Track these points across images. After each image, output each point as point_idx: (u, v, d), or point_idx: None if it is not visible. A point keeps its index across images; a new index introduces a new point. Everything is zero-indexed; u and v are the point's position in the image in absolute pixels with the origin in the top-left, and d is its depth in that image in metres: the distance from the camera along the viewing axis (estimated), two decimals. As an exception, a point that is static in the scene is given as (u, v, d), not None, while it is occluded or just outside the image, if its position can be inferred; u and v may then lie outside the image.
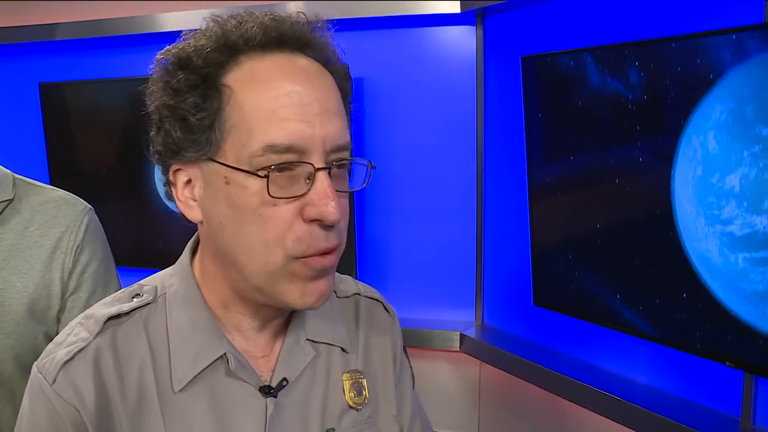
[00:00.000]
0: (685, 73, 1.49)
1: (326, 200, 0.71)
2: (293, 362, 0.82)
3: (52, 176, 2.63)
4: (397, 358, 0.94)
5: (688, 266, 1.53)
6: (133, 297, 0.81)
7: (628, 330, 1.73)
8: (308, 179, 0.72)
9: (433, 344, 2.28)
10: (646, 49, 1.58)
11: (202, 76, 0.73)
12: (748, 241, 1.41)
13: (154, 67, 0.76)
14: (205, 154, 0.73)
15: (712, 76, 1.43)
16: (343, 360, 0.87)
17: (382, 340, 0.92)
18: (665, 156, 1.55)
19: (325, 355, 0.86)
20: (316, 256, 0.73)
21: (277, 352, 0.83)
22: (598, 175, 1.75)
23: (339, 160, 0.74)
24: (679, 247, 1.54)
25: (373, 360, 0.90)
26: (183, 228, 0.84)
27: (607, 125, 1.70)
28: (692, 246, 1.52)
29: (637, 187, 1.64)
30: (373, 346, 0.91)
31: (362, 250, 2.39)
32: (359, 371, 0.88)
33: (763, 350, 1.40)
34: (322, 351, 0.86)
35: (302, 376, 0.83)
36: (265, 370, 0.81)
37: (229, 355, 0.78)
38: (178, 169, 0.77)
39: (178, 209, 0.79)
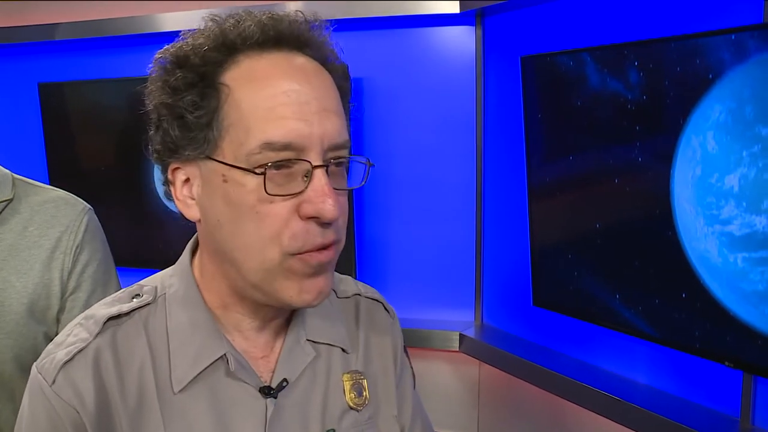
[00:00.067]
0: (685, 73, 1.49)
1: (323, 197, 0.71)
2: (293, 363, 0.82)
3: (52, 176, 2.63)
4: (398, 359, 0.93)
5: (687, 266, 1.53)
6: (133, 297, 0.81)
7: (627, 330, 1.73)
8: (306, 177, 0.72)
9: (432, 344, 2.28)
10: (645, 49, 1.58)
11: (199, 75, 0.73)
12: (748, 241, 1.41)
13: (152, 67, 0.76)
14: (203, 153, 0.73)
15: (711, 77, 1.43)
16: (344, 360, 0.87)
17: (383, 341, 0.92)
18: (664, 156, 1.55)
19: (326, 355, 0.86)
20: (313, 252, 0.73)
21: (277, 352, 0.82)
22: (598, 176, 1.75)
23: (337, 158, 0.74)
24: (678, 247, 1.54)
25: (373, 360, 0.90)
26: (183, 228, 0.84)
27: (606, 125, 1.70)
28: (691, 246, 1.52)
29: (637, 187, 1.64)
30: (374, 347, 0.91)
31: (362, 250, 2.39)
32: (359, 372, 0.87)
33: (763, 350, 1.40)
34: (322, 351, 0.85)
35: (302, 377, 0.82)
36: (265, 371, 0.81)
37: (228, 355, 0.78)
38: (177, 168, 0.77)
39: (176, 208, 0.79)
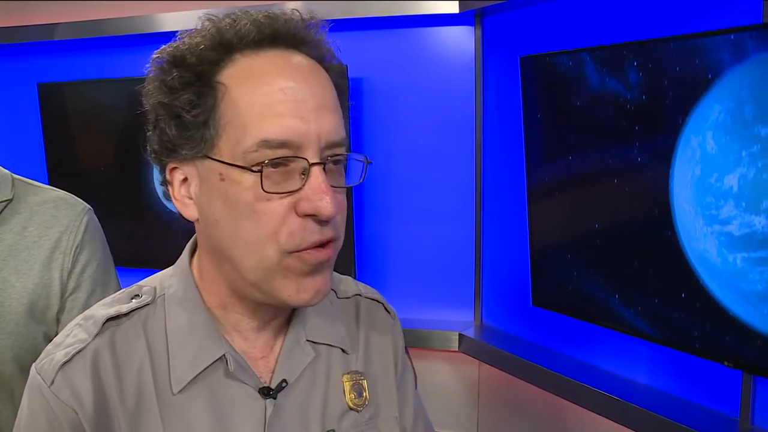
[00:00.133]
0: (684, 73, 1.49)
1: (321, 195, 0.71)
2: (293, 363, 0.82)
3: (51, 176, 2.63)
4: (399, 359, 0.93)
5: (686, 266, 1.53)
6: (132, 298, 0.81)
7: (626, 330, 1.73)
8: (303, 174, 0.72)
9: (432, 344, 2.28)
10: (644, 49, 1.58)
11: (196, 74, 0.73)
12: (747, 241, 1.41)
13: (150, 67, 0.76)
14: (200, 152, 0.73)
15: (710, 77, 1.43)
16: (344, 361, 0.87)
17: (383, 341, 0.92)
18: (664, 156, 1.55)
19: (325, 356, 0.85)
20: (311, 249, 0.73)
21: (276, 353, 0.82)
22: (597, 176, 1.75)
23: (334, 156, 0.74)
24: (677, 247, 1.54)
25: (373, 361, 0.90)
26: (182, 228, 0.84)
27: (605, 125, 1.70)
28: (691, 246, 1.52)
29: (636, 188, 1.64)
30: (374, 347, 0.91)
31: (361, 251, 2.39)
32: (359, 372, 0.87)
33: (762, 350, 1.40)
34: (322, 352, 0.85)
35: (302, 378, 0.82)
36: (265, 371, 0.81)
37: (228, 356, 0.78)
38: (175, 168, 0.77)
39: (175, 208, 0.79)
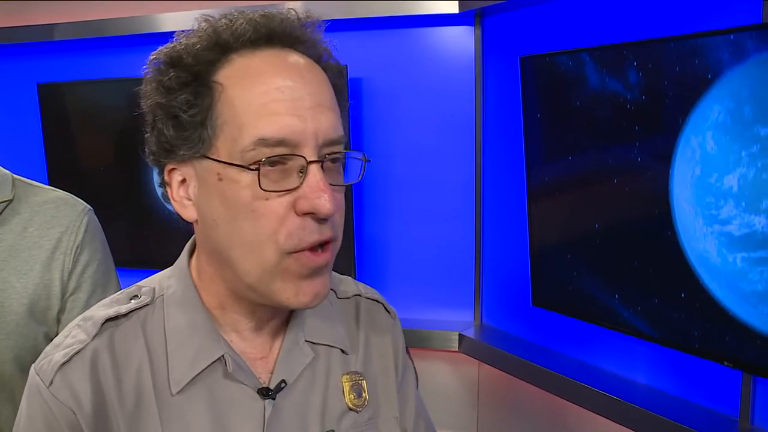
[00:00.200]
0: (684, 73, 1.49)
1: (319, 193, 0.71)
2: (292, 364, 0.82)
3: (51, 176, 2.63)
4: (400, 360, 0.93)
5: (686, 266, 1.53)
6: (131, 299, 0.81)
7: (626, 330, 1.73)
8: (301, 173, 0.72)
9: (431, 344, 2.28)
10: (644, 49, 1.58)
11: (193, 74, 0.73)
12: (747, 241, 1.41)
13: (147, 68, 0.76)
14: (198, 152, 0.73)
15: (710, 77, 1.43)
16: (343, 361, 0.87)
17: (383, 342, 0.92)
18: (664, 156, 1.55)
19: (325, 356, 0.85)
20: (310, 252, 0.73)
21: (275, 353, 0.82)
22: (597, 176, 1.75)
23: (332, 154, 0.74)
24: (677, 247, 1.54)
25: (373, 361, 0.90)
26: (182, 228, 0.84)
27: (605, 125, 1.70)
28: (691, 246, 1.52)
29: (636, 188, 1.64)
30: (374, 348, 0.91)
31: (361, 250, 2.39)
32: (359, 373, 0.87)
33: (762, 350, 1.40)
34: (321, 352, 0.85)
35: (301, 378, 0.82)
36: (264, 372, 0.81)
37: (226, 356, 0.78)
38: (173, 169, 0.77)
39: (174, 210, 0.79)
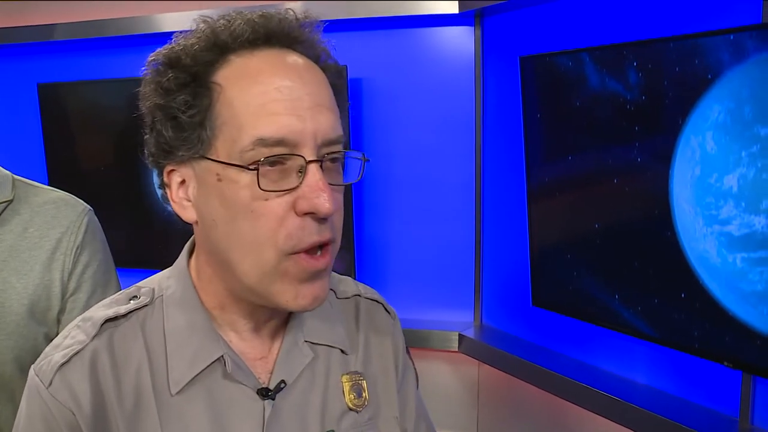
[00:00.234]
0: (684, 73, 1.49)
1: (318, 192, 0.71)
2: (291, 364, 0.82)
3: (51, 177, 2.63)
4: (400, 360, 0.93)
5: (686, 266, 1.53)
6: (131, 299, 0.81)
7: (626, 330, 1.73)
8: (300, 172, 0.71)
9: (431, 344, 2.28)
10: (644, 49, 1.58)
11: (191, 75, 0.73)
12: (746, 241, 1.41)
13: (146, 69, 0.76)
14: (197, 153, 0.73)
15: (710, 77, 1.43)
16: (343, 362, 0.87)
17: (383, 342, 0.92)
18: (663, 156, 1.55)
19: (324, 356, 0.85)
20: (309, 256, 0.73)
21: (275, 353, 0.82)
22: (597, 176, 1.75)
23: (331, 154, 0.74)
24: (677, 248, 1.54)
25: (373, 361, 0.90)
26: (182, 229, 0.84)
27: (605, 126, 1.70)
28: (690, 246, 1.52)
29: (636, 188, 1.64)
30: (374, 348, 0.91)
31: (361, 251, 2.39)
32: (359, 373, 0.87)
33: (762, 350, 1.40)
34: (320, 353, 0.85)
35: (301, 378, 0.82)
36: (263, 372, 0.81)
37: (226, 357, 0.78)
38: (172, 170, 0.77)
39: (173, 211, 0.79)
